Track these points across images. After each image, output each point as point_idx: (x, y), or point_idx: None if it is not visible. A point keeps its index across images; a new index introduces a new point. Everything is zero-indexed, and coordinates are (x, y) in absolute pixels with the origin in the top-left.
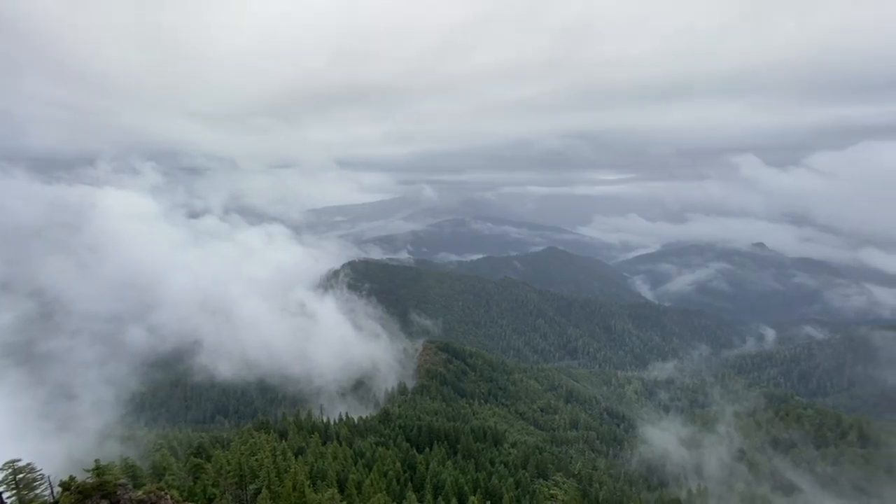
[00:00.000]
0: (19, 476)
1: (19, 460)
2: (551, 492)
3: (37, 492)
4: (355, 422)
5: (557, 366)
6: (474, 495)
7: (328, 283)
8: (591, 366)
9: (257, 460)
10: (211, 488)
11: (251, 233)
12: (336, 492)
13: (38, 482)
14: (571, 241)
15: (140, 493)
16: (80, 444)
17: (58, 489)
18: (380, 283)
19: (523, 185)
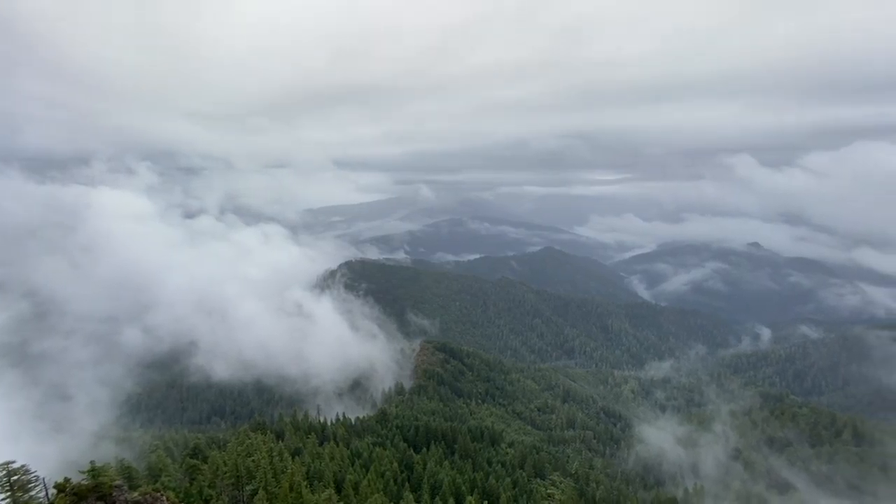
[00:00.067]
0: (14, 478)
1: (14, 462)
2: (548, 491)
3: (31, 494)
4: (352, 422)
5: (554, 365)
6: (471, 495)
7: (325, 283)
8: (588, 365)
9: (254, 461)
10: (207, 489)
11: (247, 233)
12: (333, 492)
13: (32, 484)
14: (568, 241)
15: (136, 494)
16: (75, 446)
17: (53, 491)
18: (377, 283)
19: (520, 185)
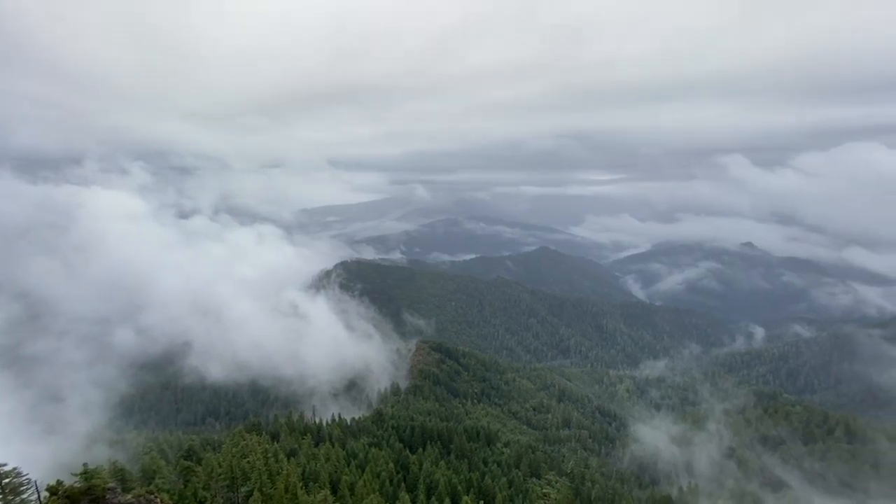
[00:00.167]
0: (5, 481)
1: (5, 464)
2: (544, 491)
3: (23, 497)
4: (348, 423)
5: (550, 365)
6: (467, 495)
7: (320, 283)
8: (584, 365)
9: (249, 462)
10: (202, 491)
11: (242, 233)
12: (329, 493)
13: (24, 487)
14: (564, 241)
15: (129, 496)
16: (67, 448)
17: (45, 494)
18: (372, 283)
19: (516, 185)
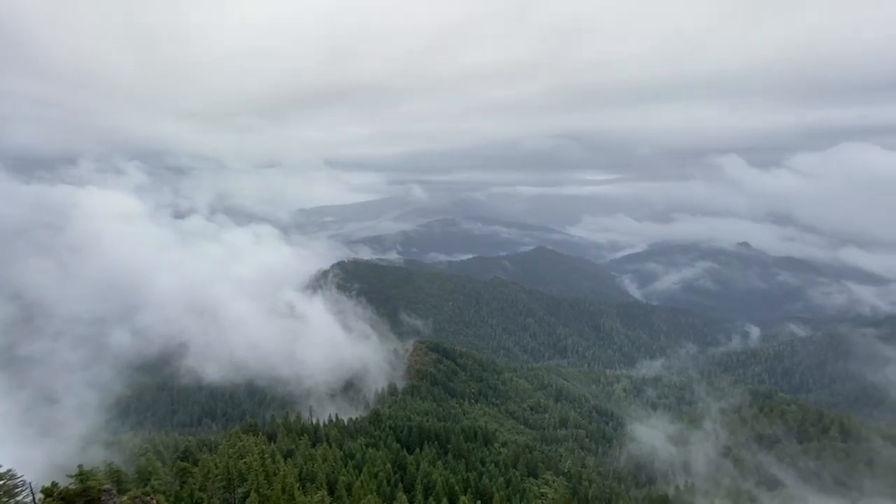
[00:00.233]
0: (0, 483)
1: (0, 467)
2: (541, 490)
3: (18, 499)
4: (345, 423)
5: (547, 365)
6: (465, 495)
7: (317, 283)
8: (581, 364)
9: (245, 463)
10: (198, 492)
11: (238, 233)
12: (326, 494)
13: (18, 489)
14: (561, 241)
15: (125, 498)
16: (62, 450)
17: (40, 496)
18: (369, 283)
19: (513, 185)
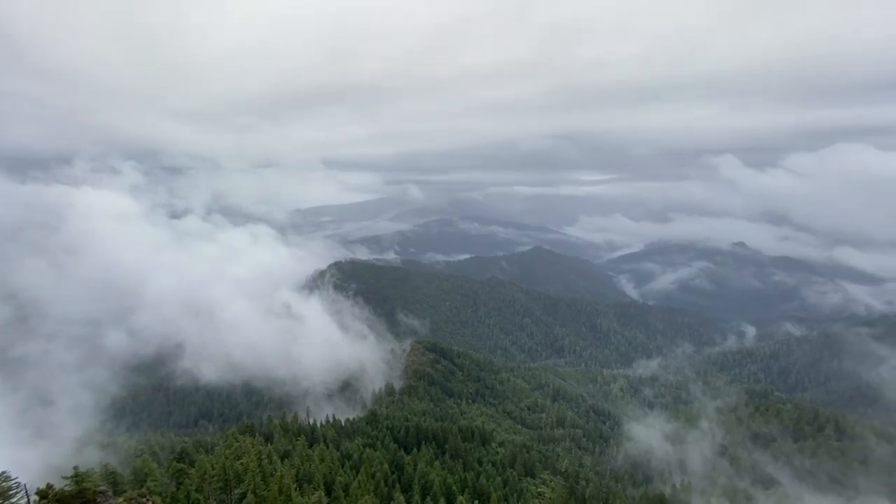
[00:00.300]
0: None
1: None
2: (539, 490)
3: (12, 501)
4: (342, 423)
5: (544, 364)
6: (462, 495)
7: (314, 283)
8: (578, 364)
9: (242, 464)
10: (195, 494)
11: (235, 233)
12: (323, 494)
13: (13, 491)
14: (558, 241)
15: (121, 499)
16: (57, 452)
17: (35, 497)
18: (366, 283)
19: (510, 185)
